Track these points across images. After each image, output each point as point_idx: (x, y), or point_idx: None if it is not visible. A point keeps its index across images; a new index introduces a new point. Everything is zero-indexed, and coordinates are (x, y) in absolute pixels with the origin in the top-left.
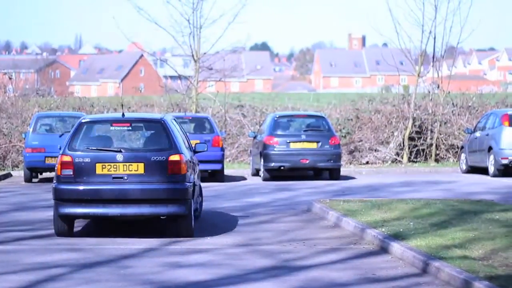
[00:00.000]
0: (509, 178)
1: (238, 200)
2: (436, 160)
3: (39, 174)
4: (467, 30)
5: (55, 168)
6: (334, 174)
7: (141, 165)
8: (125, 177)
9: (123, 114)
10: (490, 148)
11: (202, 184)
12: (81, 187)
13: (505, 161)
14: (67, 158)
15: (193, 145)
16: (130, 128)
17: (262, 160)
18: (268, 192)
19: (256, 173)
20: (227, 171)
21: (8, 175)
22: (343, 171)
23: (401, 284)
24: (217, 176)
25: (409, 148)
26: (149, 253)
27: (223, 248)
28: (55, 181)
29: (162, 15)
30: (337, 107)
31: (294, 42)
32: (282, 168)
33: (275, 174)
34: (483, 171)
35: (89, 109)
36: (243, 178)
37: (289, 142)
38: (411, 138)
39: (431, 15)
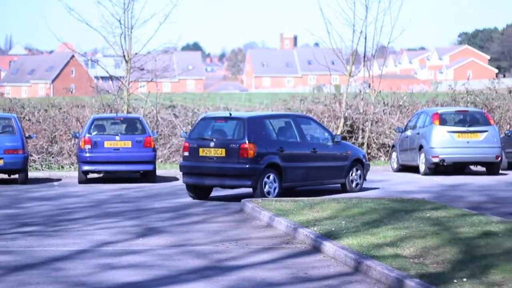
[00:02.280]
0: (440, 176)
1: (170, 201)
2: (368, 159)
3: None
4: (397, 30)
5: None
6: None
7: (223, 150)
8: (214, 158)
9: (230, 114)
10: (421, 147)
11: (133, 185)
12: (191, 164)
13: (435, 160)
14: (186, 144)
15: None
16: (225, 123)
17: None
18: None
19: None
20: (159, 172)
21: None
22: None
23: (333, 283)
24: (148, 176)
25: None
26: (81, 255)
27: (156, 249)
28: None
29: (93, 16)
30: (269, 107)
31: (226, 42)
32: None
33: None
34: (414, 169)
35: (20, 110)
36: (175, 179)
37: None
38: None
39: (362, 15)
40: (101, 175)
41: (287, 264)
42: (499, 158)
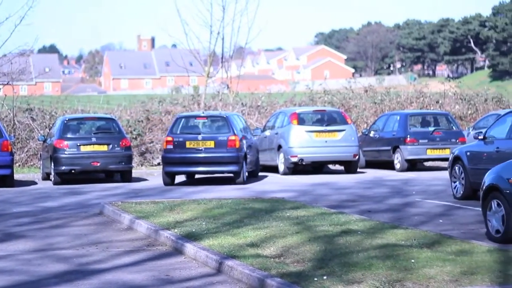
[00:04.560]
0: (299, 175)
1: (29, 205)
2: None
3: None
4: (255, 31)
5: (162, 144)
6: (125, 176)
7: (213, 142)
8: (203, 149)
9: (203, 112)
10: (279, 147)
11: None
12: (176, 155)
13: (294, 159)
14: (169, 138)
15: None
16: (206, 120)
17: (52, 164)
18: (59, 196)
19: (46, 177)
20: (16, 176)
21: None
22: (135, 172)
23: (194, 284)
24: (6, 181)
25: None
26: None
27: (15, 254)
28: (162, 152)
29: None
30: (127, 109)
31: (83, 44)
32: (73, 171)
33: (66, 178)
34: (274, 169)
35: None
36: (34, 183)
37: (80, 145)
38: None
39: (219, 16)
40: None
41: (149, 267)
42: (357, 157)
